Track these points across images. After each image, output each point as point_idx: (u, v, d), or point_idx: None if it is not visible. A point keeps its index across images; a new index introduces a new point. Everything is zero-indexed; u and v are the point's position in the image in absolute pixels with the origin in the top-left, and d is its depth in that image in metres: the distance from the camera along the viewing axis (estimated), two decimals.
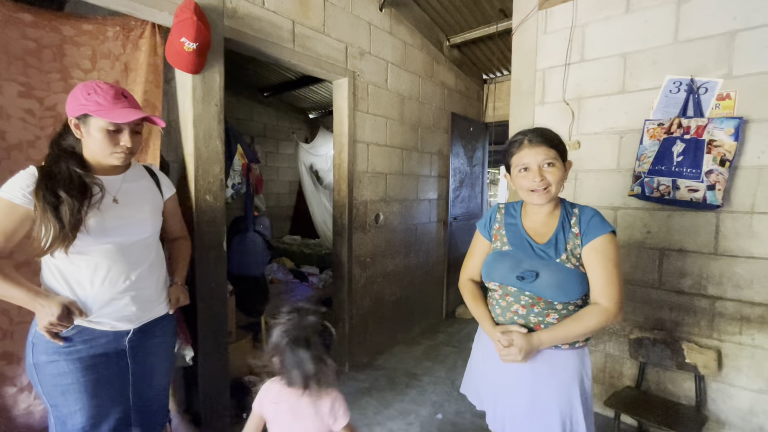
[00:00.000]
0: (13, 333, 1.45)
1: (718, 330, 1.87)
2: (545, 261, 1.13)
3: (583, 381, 1.17)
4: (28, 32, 1.45)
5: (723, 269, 1.84)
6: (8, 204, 1.05)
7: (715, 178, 1.76)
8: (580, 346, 1.17)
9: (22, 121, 1.45)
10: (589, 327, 1.09)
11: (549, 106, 2.32)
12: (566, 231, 1.14)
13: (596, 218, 1.14)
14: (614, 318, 1.09)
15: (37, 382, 1.13)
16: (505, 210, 1.29)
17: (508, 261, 1.18)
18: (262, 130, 5.28)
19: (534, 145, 1.13)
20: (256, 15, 2.05)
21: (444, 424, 2.20)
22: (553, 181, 1.12)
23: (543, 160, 1.12)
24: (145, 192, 1.29)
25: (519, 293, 1.16)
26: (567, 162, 1.17)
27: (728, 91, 1.80)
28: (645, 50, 2.00)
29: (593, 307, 1.10)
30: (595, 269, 1.10)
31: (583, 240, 1.12)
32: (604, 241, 1.11)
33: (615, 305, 1.09)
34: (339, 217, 2.74)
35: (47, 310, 1.05)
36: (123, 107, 1.12)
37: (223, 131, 1.94)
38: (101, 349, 1.17)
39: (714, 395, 1.89)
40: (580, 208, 1.18)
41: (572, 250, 1.12)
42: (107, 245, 1.15)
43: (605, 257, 1.10)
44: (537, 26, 2.35)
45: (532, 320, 1.14)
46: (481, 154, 4.26)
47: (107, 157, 1.15)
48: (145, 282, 1.24)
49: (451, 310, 4.01)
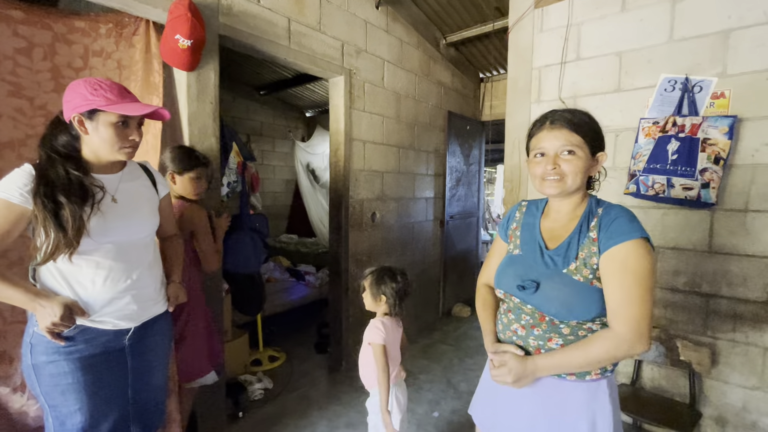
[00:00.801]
0: (6, 333, 1.44)
1: (712, 327, 1.88)
2: (550, 270, 0.97)
3: (596, 421, 0.96)
4: (18, 30, 1.43)
5: (717, 267, 1.85)
6: (5, 203, 1.02)
7: (710, 176, 1.77)
8: (593, 378, 0.96)
9: (13, 120, 1.43)
10: (595, 356, 0.90)
11: (545, 104, 2.32)
12: (582, 235, 0.96)
13: (621, 220, 0.93)
14: (630, 348, 0.88)
15: (35, 383, 1.12)
16: (526, 208, 1.13)
17: (515, 267, 1.04)
18: (258, 128, 5.26)
19: (554, 128, 0.97)
20: (251, 12, 2.04)
21: (440, 422, 2.21)
22: (569, 172, 0.95)
23: (562, 146, 0.95)
24: (142, 191, 1.28)
25: (521, 308, 1.01)
26: (600, 153, 1.00)
27: (723, 89, 1.81)
28: (640, 49, 2.00)
29: (603, 332, 0.91)
30: (611, 284, 0.90)
31: (601, 247, 0.92)
32: (627, 249, 0.89)
33: (630, 331, 0.87)
34: (335, 216, 2.73)
35: (49, 311, 1.04)
36: (130, 101, 1.12)
37: (218, 129, 1.93)
38: (101, 348, 1.17)
39: (708, 392, 1.90)
40: (606, 207, 0.98)
41: (586, 259, 0.93)
42: (108, 245, 1.14)
43: (625, 269, 0.88)
44: (533, 25, 2.34)
45: (532, 343, 0.99)
46: (477, 152, 4.26)
47: (115, 152, 1.13)
48: (145, 281, 1.24)
49: (448, 309, 4.01)
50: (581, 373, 0.96)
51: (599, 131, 1.01)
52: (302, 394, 2.45)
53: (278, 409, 2.30)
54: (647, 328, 0.88)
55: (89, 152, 1.14)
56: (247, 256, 2.48)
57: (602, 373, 0.97)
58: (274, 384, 2.53)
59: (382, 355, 1.49)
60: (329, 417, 2.22)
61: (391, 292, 1.57)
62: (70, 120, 1.09)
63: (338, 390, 2.53)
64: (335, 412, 2.27)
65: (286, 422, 2.16)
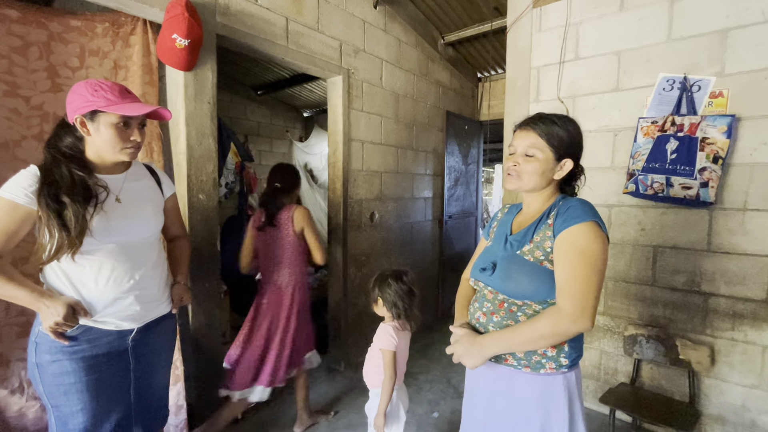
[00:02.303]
0: (1, 335, 1.43)
1: (711, 326, 1.88)
2: (507, 253, 1.04)
3: (549, 416, 0.98)
4: (13, 29, 1.42)
5: (716, 266, 1.86)
6: (10, 204, 1.03)
7: (708, 175, 1.77)
8: (547, 372, 0.98)
9: (8, 120, 1.42)
10: (539, 331, 0.92)
11: (544, 104, 2.32)
12: (541, 223, 1.02)
13: (576, 208, 0.96)
14: (571, 323, 0.89)
15: (38, 382, 1.12)
16: (508, 209, 1.22)
17: (483, 255, 1.13)
18: (255, 128, 5.24)
19: (524, 130, 1.05)
20: (248, 11, 2.03)
21: (441, 423, 2.20)
22: (525, 171, 1.02)
23: (525, 147, 1.03)
24: (146, 191, 1.28)
25: (484, 294, 1.08)
26: (565, 160, 1.03)
27: (721, 88, 1.81)
28: (639, 48, 2.01)
29: (548, 309, 0.94)
30: (560, 264, 0.93)
31: (555, 231, 0.96)
32: (578, 231, 0.92)
33: (572, 306, 0.88)
34: (334, 216, 2.72)
35: (53, 311, 1.05)
36: (131, 101, 1.12)
37: (216, 129, 1.92)
38: (104, 348, 1.17)
39: (707, 391, 1.90)
40: (566, 199, 1.04)
41: (540, 242, 0.99)
42: (111, 245, 1.14)
43: (573, 249, 0.92)
44: (531, 24, 2.34)
45: (491, 330, 1.04)
46: (476, 152, 4.26)
47: (117, 153, 1.14)
48: (148, 281, 1.24)
49: (446, 309, 4.01)
50: (535, 366, 0.99)
51: (571, 141, 1.03)
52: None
53: (277, 410, 2.28)
54: (590, 306, 0.89)
55: (93, 153, 1.14)
56: None
57: (557, 367, 0.98)
58: None
59: (391, 362, 1.50)
60: (328, 418, 2.21)
61: (392, 296, 1.57)
62: (73, 122, 1.09)
63: (338, 391, 2.52)
64: (335, 414, 2.26)
65: (286, 423, 2.15)
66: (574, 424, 1.00)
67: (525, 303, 1.00)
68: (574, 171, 1.07)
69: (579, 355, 1.03)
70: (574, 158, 1.05)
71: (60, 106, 1.52)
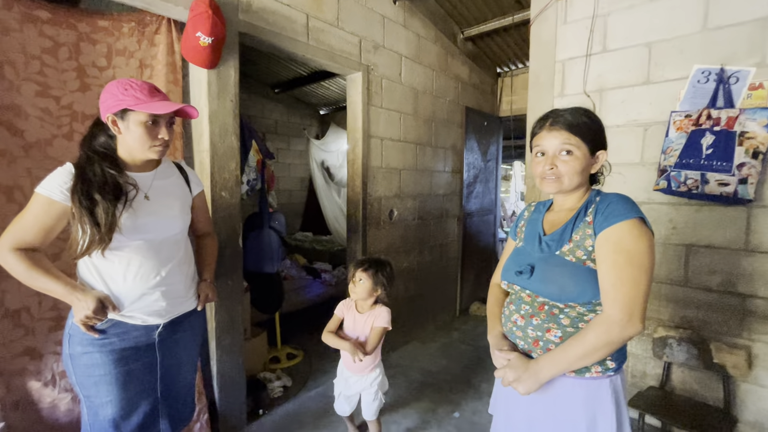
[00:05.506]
0: (35, 329, 1.46)
1: (748, 329, 1.80)
2: (544, 254, 0.99)
3: (596, 421, 0.93)
4: (44, 30, 1.45)
5: (754, 266, 1.77)
6: (47, 200, 1.07)
7: (748, 171, 1.69)
8: (593, 376, 0.93)
9: (40, 120, 1.45)
10: (591, 344, 0.86)
11: (569, 98, 2.25)
12: (578, 221, 0.97)
13: (617, 204, 0.92)
14: (623, 330, 0.84)
15: (71, 372, 1.17)
16: (534, 207, 1.17)
17: (516, 257, 1.08)
18: (273, 126, 5.28)
19: (554, 129, 0.98)
20: (270, 8, 2.03)
21: (462, 423, 2.17)
22: (566, 172, 0.96)
23: (559, 147, 0.97)
24: (174, 188, 1.30)
25: (521, 297, 1.03)
26: (600, 152, 1.01)
27: (761, 80, 1.72)
28: (671, 39, 1.92)
29: (596, 318, 0.89)
30: (604, 265, 0.88)
31: (596, 229, 0.91)
32: (622, 230, 0.87)
33: (620, 311, 0.84)
34: (353, 213, 2.71)
35: (83, 304, 1.09)
36: (160, 100, 1.14)
37: (238, 127, 1.93)
38: (132, 342, 1.20)
39: (744, 396, 1.82)
40: (604, 195, 0.99)
41: (580, 241, 0.94)
42: (138, 242, 1.17)
43: (618, 249, 0.87)
44: (556, 16, 2.27)
45: (530, 334, 0.99)
46: (495, 149, 4.19)
47: (146, 151, 1.16)
48: (174, 278, 1.26)
49: (465, 307, 3.97)
50: (581, 370, 0.94)
51: (599, 130, 1.01)
52: (321, 392, 2.44)
53: (298, 406, 2.30)
54: (640, 309, 0.85)
55: (124, 151, 1.17)
56: (266, 254, 2.49)
57: (603, 371, 0.94)
58: (293, 381, 2.53)
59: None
60: None
61: (386, 281, 1.78)
62: (106, 120, 1.12)
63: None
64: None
65: (306, 420, 2.16)
66: (622, 429, 0.95)
67: (568, 305, 0.95)
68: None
69: (625, 358, 0.99)
70: (605, 148, 1.02)
71: (88, 106, 1.55)
